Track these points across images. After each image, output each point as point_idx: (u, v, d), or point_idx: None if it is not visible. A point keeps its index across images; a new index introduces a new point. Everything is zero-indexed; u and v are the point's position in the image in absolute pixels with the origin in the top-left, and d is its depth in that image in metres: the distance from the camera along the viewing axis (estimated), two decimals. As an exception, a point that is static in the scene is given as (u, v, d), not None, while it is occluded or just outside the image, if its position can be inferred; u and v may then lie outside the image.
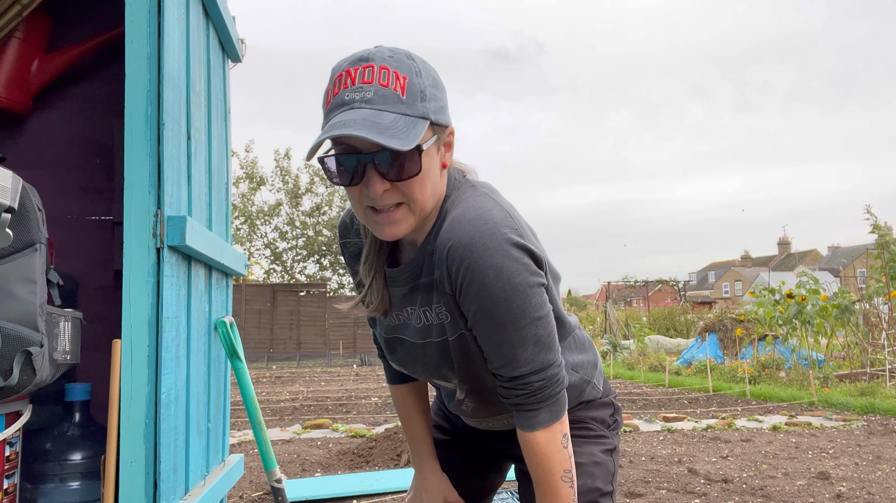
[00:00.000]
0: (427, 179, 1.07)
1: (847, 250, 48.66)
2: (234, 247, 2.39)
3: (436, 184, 1.10)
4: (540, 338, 1.11)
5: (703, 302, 30.47)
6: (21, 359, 1.74)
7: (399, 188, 1.05)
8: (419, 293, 1.19)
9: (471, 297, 1.08)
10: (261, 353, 18.13)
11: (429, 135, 1.06)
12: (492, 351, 1.13)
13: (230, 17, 2.46)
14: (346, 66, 1.04)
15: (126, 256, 1.59)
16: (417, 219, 1.10)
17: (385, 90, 1.01)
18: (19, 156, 2.73)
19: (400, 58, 1.05)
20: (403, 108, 1.02)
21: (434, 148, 1.08)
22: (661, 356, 13.81)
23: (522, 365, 1.11)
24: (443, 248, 1.10)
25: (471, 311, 1.10)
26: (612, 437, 1.43)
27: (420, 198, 1.07)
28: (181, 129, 1.83)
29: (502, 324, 1.09)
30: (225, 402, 2.40)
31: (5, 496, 1.90)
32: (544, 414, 1.14)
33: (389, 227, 1.09)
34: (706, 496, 3.68)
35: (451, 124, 1.12)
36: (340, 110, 1.01)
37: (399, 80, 1.02)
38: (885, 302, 9.43)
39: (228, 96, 2.56)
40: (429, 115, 1.04)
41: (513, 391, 1.14)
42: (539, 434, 1.15)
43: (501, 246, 1.07)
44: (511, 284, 1.06)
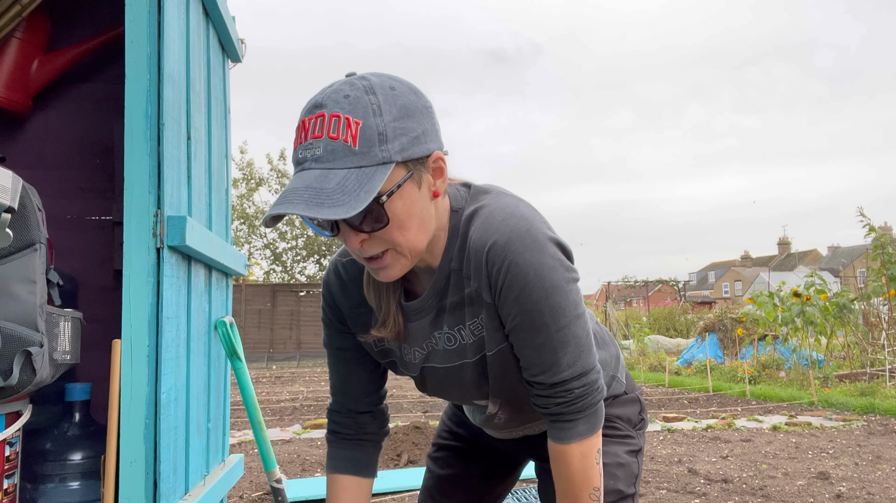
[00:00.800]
0: (408, 220, 1.00)
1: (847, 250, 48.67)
2: (233, 247, 2.39)
3: (424, 218, 1.03)
4: (580, 338, 1.08)
5: (703, 302, 30.48)
6: (21, 359, 1.74)
7: (378, 236, 0.99)
8: (446, 314, 1.14)
9: (511, 300, 1.05)
10: (261, 353, 18.13)
11: (399, 175, 0.97)
12: (532, 356, 1.08)
13: (230, 17, 2.46)
14: (302, 116, 0.98)
15: (126, 256, 1.59)
16: (411, 259, 1.04)
17: (335, 143, 0.93)
18: (19, 156, 2.73)
19: (357, 96, 0.95)
20: (356, 160, 0.93)
21: (411, 185, 0.99)
22: (661, 356, 13.81)
23: (564, 369, 1.07)
24: (480, 254, 1.05)
25: (510, 315, 1.06)
26: (637, 438, 1.39)
27: (404, 241, 1.00)
28: (181, 130, 1.83)
29: (543, 325, 1.05)
30: (225, 402, 2.40)
31: (5, 496, 1.90)
32: (582, 425, 1.11)
33: (382, 272, 1.04)
34: (706, 496, 3.68)
35: (433, 150, 1.01)
36: (295, 171, 0.97)
37: (350, 129, 0.93)
38: (885, 302, 9.43)
39: (228, 96, 2.56)
40: (392, 158, 0.94)
41: (552, 400, 1.10)
42: (574, 447, 1.11)
43: (538, 242, 1.04)
44: (551, 281, 1.03)
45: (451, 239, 1.10)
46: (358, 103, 0.95)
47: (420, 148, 0.99)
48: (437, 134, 1.03)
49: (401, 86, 1.00)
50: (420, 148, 0.99)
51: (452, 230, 1.10)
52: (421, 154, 0.99)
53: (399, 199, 0.98)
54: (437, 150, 1.02)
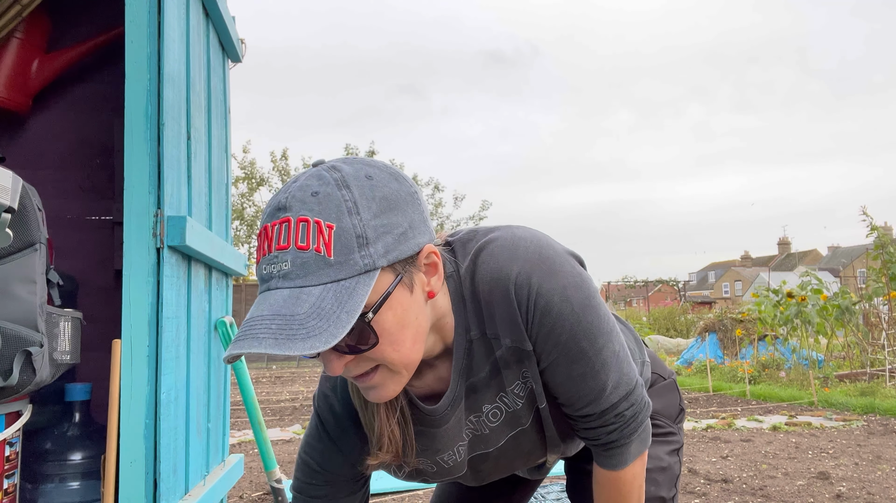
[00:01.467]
0: (401, 333, 0.83)
1: (847, 250, 48.69)
2: (233, 247, 2.39)
3: (419, 325, 0.86)
4: (618, 354, 0.99)
5: (703, 302, 30.50)
6: (21, 359, 1.74)
7: (366, 356, 0.83)
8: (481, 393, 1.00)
9: (543, 336, 0.93)
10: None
11: (386, 281, 0.81)
12: (574, 389, 0.97)
13: (230, 17, 2.47)
14: (265, 221, 0.81)
15: (126, 256, 1.59)
16: (407, 374, 0.87)
17: (305, 254, 0.77)
18: (19, 156, 2.73)
19: (327, 192, 0.79)
20: (332, 272, 0.77)
21: (402, 290, 0.83)
22: (661, 356, 13.81)
23: (610, 392, 0.98)
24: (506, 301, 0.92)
25: (545, 352, 0.94)
26: (678, 433, 1.30)
27: (396, 357, 0.83)
28: (181, 130, 1.83)
29: (581, 353, 0.94)
30: (225, 402, 2.41)
31: (5, 496, 1.90)
32: (635, 445, 1.03)
33: (374, 391, 0.87)
34: (706, 496, 3.68)
35: (423, 245, 0.84)
36: (260, 290, 0.81)
37: (323, 235, 0.77)
38: (885, 302, 9.44)
39: (228, 96, 2.56)
40: (375, 264, 0.79)
41: (604, 429, 1.00)
42: (628, 470, 1.03)
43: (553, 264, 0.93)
44: (577, 302, 0.93)
45: (458, 310, 0.95)
46: (330, 202, 0.78)
47: (408, 245, 0.82)
48: (426, 223, 0.86)
49: (378, 173, 0.83)
50: (408, 245, 0.82)
51: (457, 299, 0.95)
52: (410, 252, 0.83)
53: (388, 311, 0.82)
54: (428, 244, 0.85)
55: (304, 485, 1.07)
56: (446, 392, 0.98)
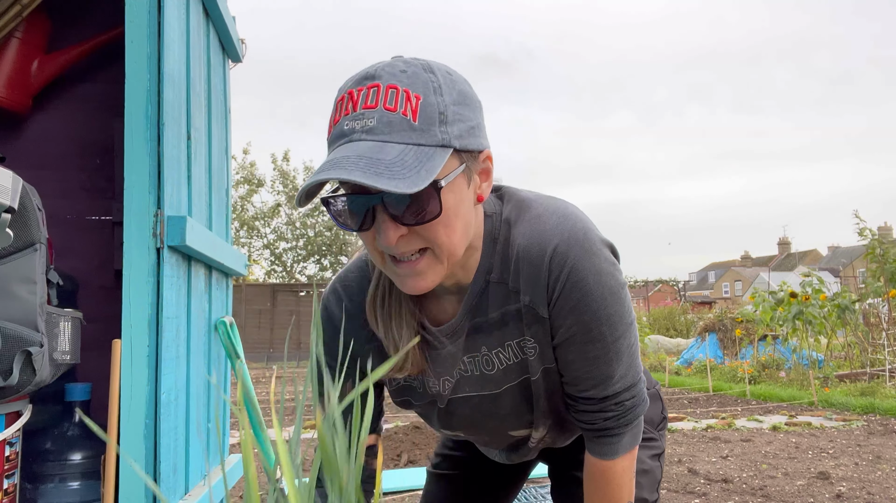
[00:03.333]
0: (455, 219, 0.88)
1: (847, 250, 48.67)
2: (233, 247, 2.39)
3: (468, 222, 0.91)
4: (632, 347, 1.01)
5: (703, 302, 30.48)
6: (21, 359, 1.74)
7: (419, 233, 0.87)
8: (484, 335, 1.02)
9: (567, 310, 0.95)
10: (260, 353, 18.14)
11: (453, 164, 0.86)
12: (584, 370, 0.99)
13: (230, 17, 2.47)
14: (349, 87, 0.86)
15: (126, 256, 1.59)
16: (447, 266, 0.91)
17: (392, 115, 0.82)
18: (19, 156, 2.73)
19: (415, 72, 0.85)
20: (415, 136, 0.82)
21: (462, 180, 0.88)
22: (661, 356, 13.81)
23: (617, 380, 1.00)
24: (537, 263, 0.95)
25: (563, 327, 0.97)
26: (660, 440, 1.33)
27: (447, 242, 0.88)
28: (181, 130, 1.83)
29: (600, 336, 0.96)
30: (225, 402, 2.40)
31: (5, 496, 1.90)
32: (627, 438, 1.06)
33: (413, 279, 0.90)
34: (706, 496, 3.68)
35: (485, 147, 0.92)
36: (338, 143, 0.84)
37: (410, 102, 0.83)
38: (884, 302, 9.44)
39: (229, 96, 2.56)
40: (451, 142, 0.84)
41: (601, 415, 1.02)
42: (618, 462, 1.05)
43: (595, 245, 0.95)
44: (608, 287, 0.95)
45: (487, 247, 0.98)
46: (417, 79, 0.85)
47: (475, 140, 0.89)
48: (486, 132, 0.94)
49: (457, 73, 0.91)
50: (475, 140, 0.89)
51: (488, 239, 0.98)
52: (476, 147, 0.89)
53: (451, 192, 0.87)
54: (488, 148, 0.93)
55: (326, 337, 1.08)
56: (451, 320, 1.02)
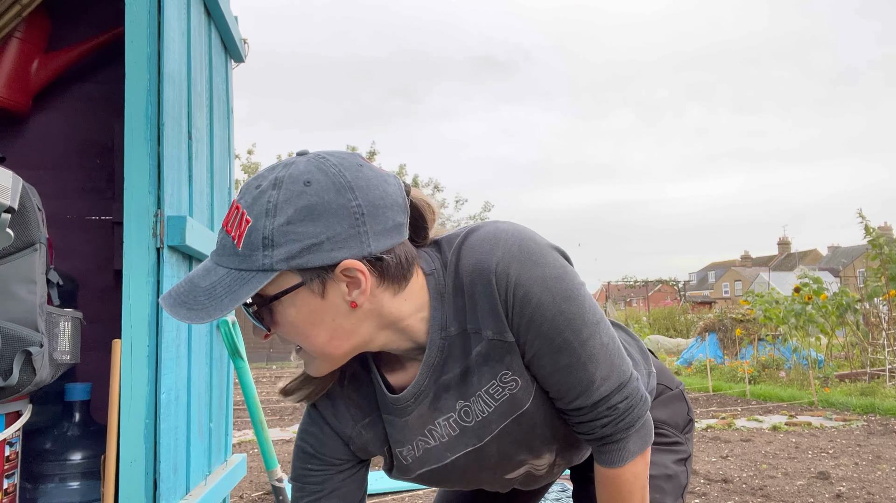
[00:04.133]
0: (311, 329, 0.89)
1: (847, 250, 48.67)
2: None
3: (339, 328, 0.90)
4: (607, 346, 0.98)
5: (703, 302, 30.48)
6: (21, 359, 1.74)
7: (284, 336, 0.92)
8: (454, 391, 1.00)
9: (524, 326, 0.94)
10: (261, 353, 18.14)
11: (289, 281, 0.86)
12: (562, 382, 0.97)
13: (232, 17, 2.47)
14: None
15: (126, 256, 1.59)
16: (331, 363, 0.94)
17: (227, 240, 0.87)
18: (19, 156, 2.73)
19: (262, 191, 0.85)
20: (237, 261, 0.85)
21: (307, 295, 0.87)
22: (661, 356, 13.82)
23: (600, 384, 0.97)
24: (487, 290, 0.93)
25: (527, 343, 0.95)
26: (686, 443, 1.27)
27: (310, 346, 0.91)
28: (182, 129, 1.83)
29: (566, 344, 0.94)
30: (228, 402, 2.41)
31: (5, 496, 1.90)
32: (633, 442, 1.01)
33: (306, 368, 0.97)
34: (706, 496, 3.68)
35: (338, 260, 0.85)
36: None
37: (240, 227, 0.85)
38: (885, 302, 9.44)
39: (231, 96, 2.56)
40: (272, 266, 0.84)
41: (597, 422, 1.00)
42: (627, 469, 1.02)
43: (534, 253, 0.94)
44: (559, 292, 0.93)
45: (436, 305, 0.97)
46: (259, 200, 0.85)
47: (318, 257, 0.85)
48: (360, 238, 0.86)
49: (324, 180, 0.85)
50: (318, 257, 0.85)
51: (436, 296, 0.96)
52: (318, 263, 0.85)
53: (291, 307, 0.88)
54: (351, 260, 0.86)
55: (301, 472, 1.08)
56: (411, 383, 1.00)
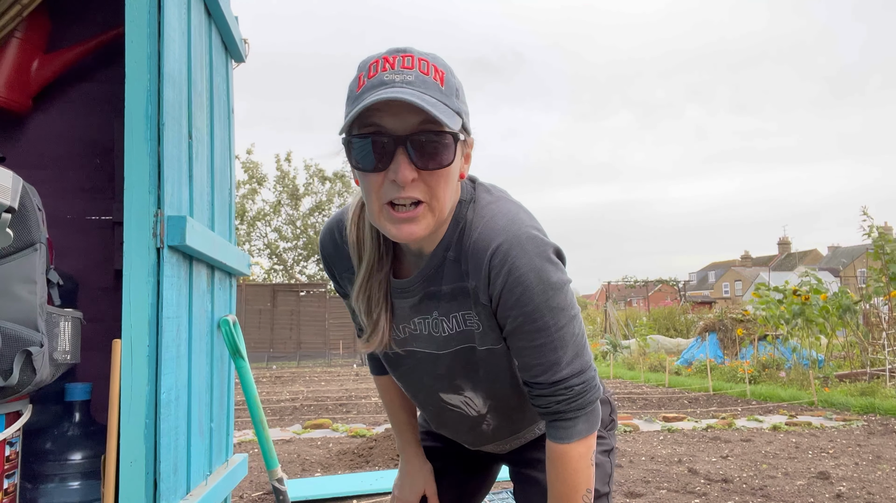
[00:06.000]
0: (452, 179, 1.04)
1: (847, 250, 48.64)
2: (236, 247, 2.38)
3: (456, 189, 1.08)
4: (577, 337, 1.11)
5: (703, 302, 30.45)
6: (21, 359, 1.74)
7: (425, 181, 1.00)
8: (435, 301, 1.15)
9: (512, 302, 1.06)
10: (261, 353, 18.13)
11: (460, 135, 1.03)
12: (533, 357, 1.10)
13: (233, 17, 2.46)
14: (382, 55, 1.00)
15: (126, 256, 1.59)
16: (436, 222, 1.05)
17: (426, 78, 0.98)
18: (19, 156, 2.73)
19: (436, 56, 1.03)
20: (444, 97, 0.99)
21: (459, 152, 1.04)
22: (661, 356, 13.81)
23: (564, 366, 1.10)
24: (481, 256, 1.07)
25: (511, 317, 1.08)
26: (609, 438, 1.39)
27: (443, 196, 1.03)
28: (182, 129, 1.83)
29: (545, 326, 1.07)
30: (229, 402, 2.40)
31: (5, 496, 1.90)
32: (582, 423, 1.13)
33: (408, 225, 1.02)
34: (706, 496, 3.68)
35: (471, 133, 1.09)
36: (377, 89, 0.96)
37: (438, 73, 1.00)
38: (885, 302, 9.43)
39: (231, 96, 2.56)
40: (461, 113, 1.02)
41: (553, 398, 1.11)
42: (574, 447, 1.12)
43: (537, 248, 1.06)
44: (550, 284, 1.06)
45: (451, 228, 1.11)
46: (438, 60, 1.02)
47: (469, 124, 1.07)
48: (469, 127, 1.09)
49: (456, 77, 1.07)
50: (469, 124, 1.07)
51: (454, 221, 1.11)
52: (470, 128, 1.07)
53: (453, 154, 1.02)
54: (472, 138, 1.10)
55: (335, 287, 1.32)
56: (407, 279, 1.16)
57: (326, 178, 25.41)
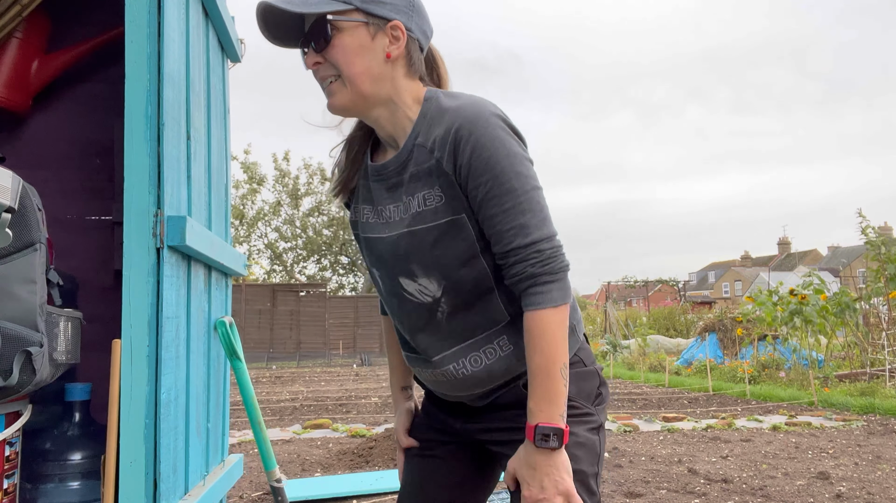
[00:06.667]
0: (354, 58, 1.20)
1: (847, 250, 48.62)
2: (233, 247, 2.39)
3: (370, 64, 1.21)
4: (543, 207, 1.20)
5: (703, 302, 30.46)
6: (21, 359, 1.74)
7: (327, 59, 1.20)
8: (405, 185, 1.26)
9: (479, 168, 1.17)
10: (261, 353, 18.14)
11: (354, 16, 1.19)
12: (504, 223, 1.18)
13: (230, 17, 2.46)
14: None
15: (126, 256, 1.59)
16: (353, 94, 1.22)
17: None
18: (19, 156, 2.73)
19: None
20: None
21: (363, 29, 1.20)
22: (661, 356, 13.81)
23: (534, 230, 1.18)
24: (448, 128, 1.20)
25: (480, 184, 1.18)
26: (597, 414, 1.34)
27: (347, 70, 1.20)
28: (181, 129, 1.83)
29: (512, 189, 1.17)
30: (224, 402, 2.41)
31: (5, 496, 1.90)
32: (556, 291, 1.18)
33: (329, 98, 1.24)
34: (706, 496, 3.68)
35: (393, 19, 1.21)
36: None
37: None
38: (885, 302, 9.44)
39: (228, 96, 2.56)
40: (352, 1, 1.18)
41: (526, 262, 1.18)
42: (550, 313, 1.17)
43: (501, 124, 1.19)
44: (513, 152, 1.18)
45: (420, 119, 1.25)
46: None
47: (381, 9, 1.21)
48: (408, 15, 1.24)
49: None
50: (381, 9, 1.21)
51: (423, 113, 1.25)
52: (380, 13, 1.20)
53: (348, 36, 1.20)
54: (399, 22, 1.22)
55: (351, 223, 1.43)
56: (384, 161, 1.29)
57: (326, 179, 25.43)
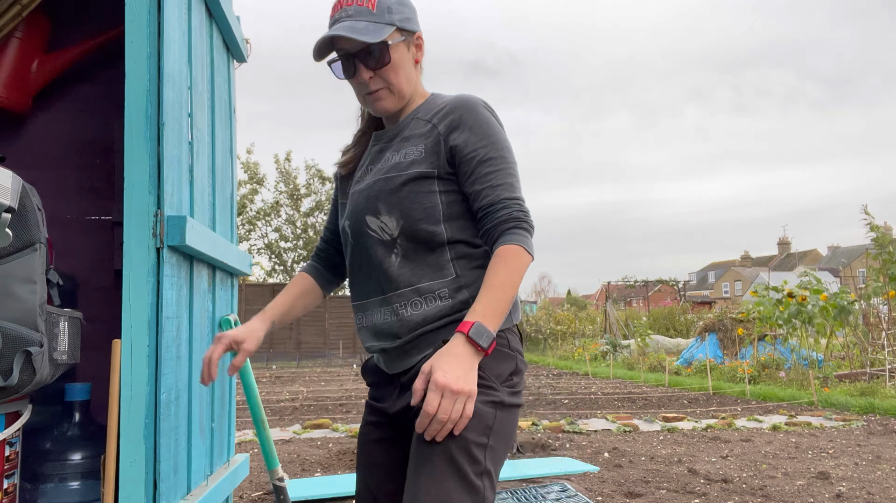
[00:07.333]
0: (400, 68, 1.47)
1: (847, 250, 48.64)
2: (238, 247, 2.38)
3: (409, 73, 1.50)
4: (518, 177, 1.44)
5: (703, 302, 30.44)
6: (21, 359, 1.74)
7: (380, 75, 1.45)
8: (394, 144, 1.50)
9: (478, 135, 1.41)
10: (261, 353, 18.13)
11: (397, 36, 1.46)
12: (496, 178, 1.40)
13: (234, 17, 2.46)
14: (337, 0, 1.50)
15: (126, 256, 1.58)
16: (398, 98, 1.49)
17: (361, 8, 1.45)
18: (19, 156, 2.73)
19: None
20: (374, 17, 1.44)
21: (403, 45, 1.48)
22: (660, 356, 13.80)
23: (518, 190, 1.41)
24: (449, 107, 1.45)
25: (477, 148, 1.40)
26: (500, 392, 1.33)
27: (396, 81, 1.47)
28: (182, 129, 1.82)
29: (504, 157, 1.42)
30: (230, 402, 2.40)
31: (5, 496, 1.90)
32: (530, 240, 1.38)
33: (378, 102, 1.48)
34: (706, 496, 3.68)
35: (416, 31, 1.51)
36: (333, 22, 1.47)
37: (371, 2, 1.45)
38: (885, 302, 9.43)
39: (233, 96, 2.56)
40: (394, 22, 1.45)
41: (512, 209, 1.37)
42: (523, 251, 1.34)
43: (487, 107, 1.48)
44: (503, 132, 1.46)
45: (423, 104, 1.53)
46: None
47: (410, 25, 1.50)
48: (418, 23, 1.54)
49: None
50: (410, 25, 1.50)
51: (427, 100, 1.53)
52: (411, 28, 1.50)
53: (395, 52, 1.46)
54: (420, 32, 1.53)
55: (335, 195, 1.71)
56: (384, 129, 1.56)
57: (326, 179, 25.45)
